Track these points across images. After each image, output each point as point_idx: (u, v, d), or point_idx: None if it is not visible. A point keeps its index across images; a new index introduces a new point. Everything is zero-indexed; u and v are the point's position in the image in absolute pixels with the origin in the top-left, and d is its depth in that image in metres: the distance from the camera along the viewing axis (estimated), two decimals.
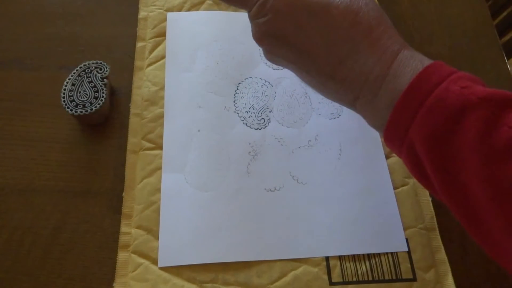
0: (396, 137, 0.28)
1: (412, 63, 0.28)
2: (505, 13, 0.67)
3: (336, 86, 0.31)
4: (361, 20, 0.29)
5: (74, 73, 0.43)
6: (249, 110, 0.45)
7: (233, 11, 0.50)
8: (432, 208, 0.40)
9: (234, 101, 0.45)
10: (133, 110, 0.44)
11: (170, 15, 0.49)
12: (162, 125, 0.43)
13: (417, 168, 0.29)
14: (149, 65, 0.46)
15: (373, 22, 0.29)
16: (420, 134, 0.26)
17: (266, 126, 0.44)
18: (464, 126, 0.25)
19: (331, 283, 0.37)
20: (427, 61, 0.28)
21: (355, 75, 0.29)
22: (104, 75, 0.43)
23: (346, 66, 0.29)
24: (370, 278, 0.37)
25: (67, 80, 0.43)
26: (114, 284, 0.36)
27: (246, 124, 0.44)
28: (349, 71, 0.29)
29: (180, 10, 0.50)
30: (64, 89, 0.42)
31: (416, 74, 0.27)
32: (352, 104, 0.31)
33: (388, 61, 0.28)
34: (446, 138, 0.26)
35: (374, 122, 0.31)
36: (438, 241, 0.39)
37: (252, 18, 0.32)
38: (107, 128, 0.44)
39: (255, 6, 0.31)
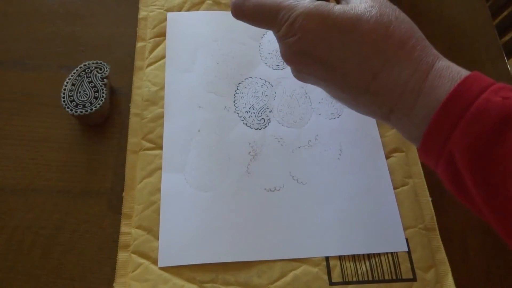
0: (433, 149, 0.28)
1: (449, 74, 0.28)
2: (505, 13, 0.67)
3: (370, 101, 0.30)
4: (393, 33, 0.28)
5: (74, 73, 0.43)
6: (249, 110, 0.45)
7: None
8: (432, 208, 0.40)
9: (234, 101, 0.45)
10: (133, 110, 0.44)
11: (170, 15, 0.49)
12: (162, 125, 0.43)
13: (455, 182, 0.28)
14: (149, 65, 0.46)
15: (405, 35, 0.29)
16: (461, 145, 0.26)
17: (266, 126, 0.44)
18: (507, 137, 0.25)
19: (331, 283, 0.37)
20: (464, 72, 0.28)
21: (389, 88, 0.29)
22: (104, 75, 0.43)
23: (380, 80, 0.29)
24: (370, 278, 0.37)
25: (67, 80, 0.43)
26: (114, 284, 0.36)
27: (246, 124, 0.44)
28: (384, 85, 0.29)
29: (180, 10, 0.50)
30: (64, 89, 0.42)
31: (455, 85, 0.27)
32: (386, 117, 0.31)
33: (423, 72, 0.28)
34: (489, 150, 0.25)
35: (409, 134, 0.30)
36: (438, 241, 0.39)
37: (280, 39, 0.32)
38: (107, 128, 0.44)
39: (284, 26, 0.31)
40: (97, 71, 0.43)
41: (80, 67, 0.44)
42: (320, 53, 0.30)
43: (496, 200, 0.26)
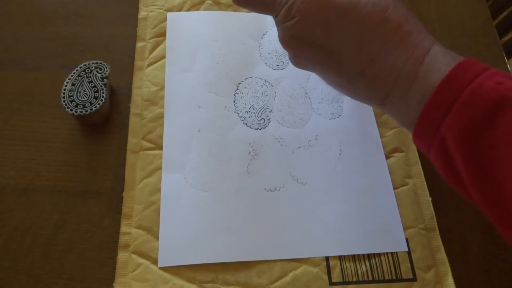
0: (426, 133, 0.28)
1: (444, 59, 0.28)
2: (505, 13, 0.67)
3: (366, 85, 0.31)
4: (390, 17, 0.29)
5: (74, 73, 0.43)
6: (249, 110, 0.45)
7: (233, 11, 0.50)
8: (432, 208, 0.40)
9: (234, 101, 0.45)
10: (133, 110, 0.44)
11: (170, 15, 0.49)
12: (162, 125, 0.43)
13: (447, 166, 0.28)
14: (149, 65, 0.46)
15: (402, 19, 0.29)
16: (453, 129, 0.26)
17: (266, 126, 0.44)
18: (499, 122, 0.25)
19: (331, 283, 0.37)
20: (459, 57, 0.28)
21: (386, 72, 0.29)
22: (104, 75, 0.43)
23: (377, 63, 0.29)
24: (370, 278, 0.37)
25: (67, 80, 0.43)
26: (114, 284, 0.36)
27: (246, 124, 0.44)
28: (381, 68, 0.29)
29: (180, 10, 0.50)
30: (64, 89, 0.42)
31: (450, 70, 0.27)
32: (381, 102, 0.31)
33: (419, 57, 0.28)
34: (480, 134, 0.26)
35: (404, 119, 0.31)
36: (438, 241, 0.39)
37: (279, 23, 0.32)
38: (107, 128, 0.44)
39: (282, 10, 0.31)
40: (97, 71, 0.43)
41: (80, 67, 0.44)
42: (317, 36, 0.30)
43: (486, 183, 0.26)
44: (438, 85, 0.27)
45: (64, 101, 0.42)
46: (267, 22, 0.50)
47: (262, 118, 0.44)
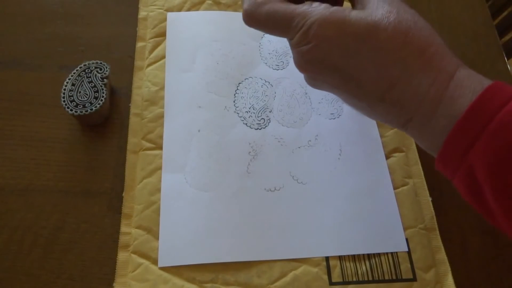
0: (452, 159, 0.27)
1: (471, 84, 0.27)
2: (505, 13, 0.67)
3: (387, 109, 0.30)
4: (411, 40, 0.28)
5: (74, 73, 0.43)
6: (249, 110, 0.45)
7: (233, 11, 0.50)
8: (432, 208, 0.40)
9: (234, 101, 0.45)
10: (133, 110, 0.44)
11: (170, 15, 0.49)
12: (162, 125, 0.43)
13: (474, 194, 0.28)
14: (149, 65, 0.46)
15: (424, 42, 0.28)
16: (482, 159, 0.25)
17: (266, 126, 0.44)
18: None
19: (331, 283, 0.37)
20: (486, 81, 0.27)
21: (408, 98, 0.28)
22: (104, 75, 0.43)
23: (399, 89, 0.28)
24: (370, 278, 0.37)
25: (67, 80, 0.43)
26: (114, 284, 0.36)
27: (246, 124, 0.44)
28: (402, 94, 0.28)
29: (180, 10, 0.50)
30: (64, 89, 0.42)
31: (476, 96, 0.26)
32: (403, 126, 0.30)
33: (444, 82, 0.27)
34: (511, 164, 0.25)
35: (427, 144, 0.30)
36: (438, 241, 0.39)
37: (294, 46, 0.31)
38: (107, 128, 0.44)
39: (298, 34, 0.30)
40: (97, 71, 0.43)
41: (80, 67, 0.44)
42: (335, 61, 0.29)
43: None
44: (465, 113, 0.26)
45: (64, 101, 0.42)
46: None
47: (262, 118, 0.44)
